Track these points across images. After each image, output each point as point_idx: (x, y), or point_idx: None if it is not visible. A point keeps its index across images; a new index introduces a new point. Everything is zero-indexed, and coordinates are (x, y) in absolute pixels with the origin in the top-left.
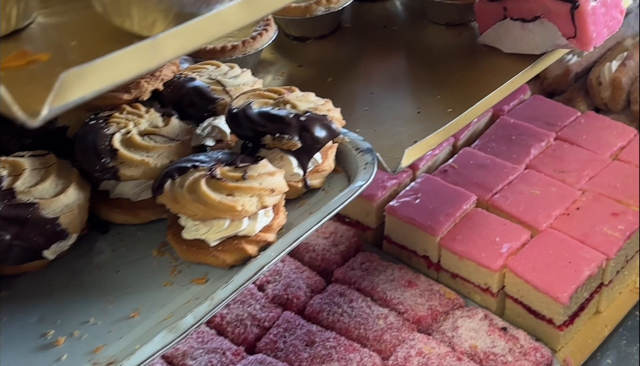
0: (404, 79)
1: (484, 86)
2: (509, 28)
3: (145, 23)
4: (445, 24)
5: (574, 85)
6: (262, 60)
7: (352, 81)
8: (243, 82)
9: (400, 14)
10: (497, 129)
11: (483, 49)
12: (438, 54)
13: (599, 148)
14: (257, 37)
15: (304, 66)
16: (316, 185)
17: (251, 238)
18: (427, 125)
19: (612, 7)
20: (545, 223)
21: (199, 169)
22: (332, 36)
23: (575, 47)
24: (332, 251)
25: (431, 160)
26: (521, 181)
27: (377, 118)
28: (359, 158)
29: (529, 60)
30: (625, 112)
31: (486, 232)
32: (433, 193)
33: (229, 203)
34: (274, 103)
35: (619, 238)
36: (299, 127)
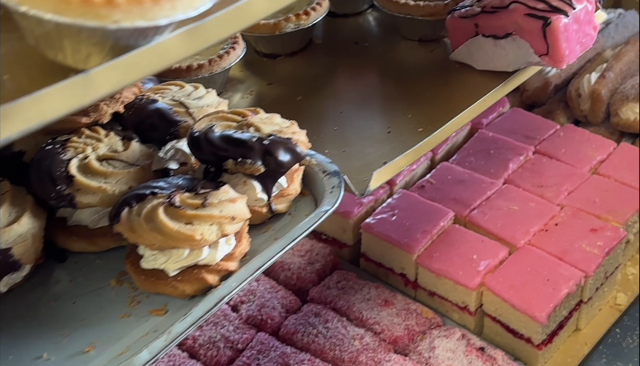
0: (375, 97)
1: (456, 104)
2: (481, 45)
3: (79, 56)
4: (418, 39)
5: (554, 97)
6: (231, 78)
7: (322, 99)
8: (207, 104)
9: (372, 30)
10: (475, 143)
11: (455, 66)
12: (410, 71)
13: (578, 162)
14: (224, 55)
15: (273, 84)
16: (281, 209)
17: (212, 268)
18: (397, 145)
19: (585, 23)
20: (523, 239)
21: (158, 196)
22: (303, 53)
23: (548, 65)
24: (308, 269)
25: (409, 175)
26: (499, 196)
27: (346, 139)
28: (325, 182)
29: (501, 77)
30: (605, 124)
31: (464, 249)
32: (410, 210)
33: (187, 232)
34: (237, 126)
35: (598, 255)
36: (262, 151)
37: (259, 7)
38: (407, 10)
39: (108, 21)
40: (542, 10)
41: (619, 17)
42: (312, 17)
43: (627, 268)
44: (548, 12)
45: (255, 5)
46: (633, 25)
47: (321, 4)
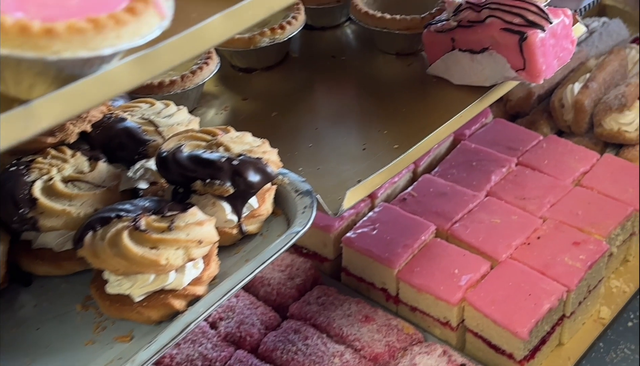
0: (351, 112)
1: (432, 120)
2: (457, 59)
3: (21, 87)
4: (395, 53)
5: (537, 107)
6: (206, 93)
7: (297, 115)
8: (177, 122)
9: (350, 43)
10: (457, 155)
11: (433, 80)
12: (387, 86)
13: (560, 173)
14: (197, 71)
15: (248, 99)
16: (252, 230)
17: (179, 292)
18: (372, 163)
19: (563, 37)
20: (505, 253)
21: (123, 219)
22: (279, 67)
23: (525, 80)
24: (288, 285)
25: (390, 187)
26: (481, 209)
27: (321, 156)
28: (298, 201)
29: (479, 92)
30: (589, 134)
31: (445, 263)
32: (391, 224)
33: (152, 257)
34: (207, 146)
35: (580, 269)
36: (231, 172)
37: (214, 32)
38: (383, 23)
39: (48, 52)
40: (518, 24)
41: (602, 25)
42: (288, 31)
43: (610, 281)
44: (524, 26)
45: (210, 30)
46: (617, 34)
47: (297, 18)
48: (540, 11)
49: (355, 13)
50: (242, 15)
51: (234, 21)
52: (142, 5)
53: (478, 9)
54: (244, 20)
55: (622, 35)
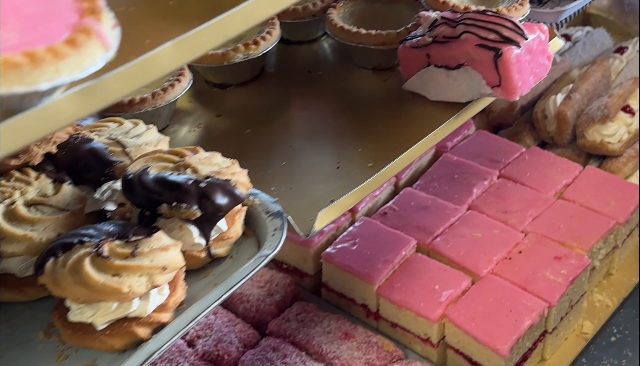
0: (326, 129)
1: (407, 137)
2: (433, 75)
3: None
4: (372, 68)
5: (520, 118)
6: (180, 110)
7: (271, 132)
8: (146, 142)
9: (327, 57)
10: (439, 168)
11: (409, 96)
12: (363, 101)
13: (543, 186)
14: (168, 88)
15: (222, 116)
16: (222, 253)
17: (143, 320)
18: (345, 182)
19: (539, 53)
20: (486, 268)
21: (85, 245)
22: (254, 82)
23: (501, 96)
24: (267, 301)
25: (371, 201)
26: (463, 223)
27: (294, 174)
28: (268, 223)
29: (455, 109)
30: (572, 145)
31: (425, 279)
32: (372, 238)
33: (114, 285)
34: (174, 168)
35: (562, 284)
36: (198, 195)
37: (166, 61)
38: (359, 39)
39: None
40: (493, 40)
41: (586, 35)
42: (262, 46)
43: (593, 295)
44: (499, 42)
45: (161, 58)
46: (601, 44)
47: (272, 33)
48: (515, 27)
49: (330, 28)
50: (196, 42)
51: (187, 48)
52: (83, 37)
53: (453, 25)
54: (198, 47)
55: (606, 45)
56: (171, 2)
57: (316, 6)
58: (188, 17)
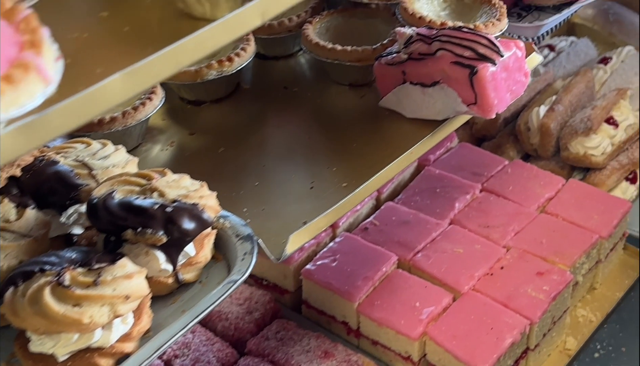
0: (301, 147)
1: (383, 156)
2: (409, 92)
3: None
4: (349, 84)
5: (504, 130)
6: (152, 128)
7: (245, 151)
8: (113, 163)
9: (303, 73)
10: (421, 181)
11: (385, 113)
12: (339, 118)
13: (525, 200)
14: (139, 106)
15: (196, 134)
16: (190, 279)
17: (106, 350)
18: (319, 203)
19: (515, 70)
20: (467, 285)
21: (47, 274)
22: (229, 99)
23: (477, 114)
24: (246, 319)
25: (352, 216)
26: (444, 238)
27: (267, 195)
28: (238, 246)
29: (431, 126)
30: (556, 157)
31: (406, 296)
32: (352, 255)
33: (74, 316)
34: (141, 191)
35: (544, 301)
36: (164, 220)
37: (114, 92)
38: (334, 55)
39: None
40: (469, 58)
41: (570, 45)
42: (236, 63)
43: (577, 310)
44: (475, 60)
45: (108, 90)
46: (585, 54)
47: (246, 49)
48: (491, 44)
49: (306, 44)
50: (147, 72)
51: (138, 79)
52: (20, 73)
53: (429, 41)
54: (149, 77)
55: (590, 55)
56: (126, 28)
57: (292, 21)
58: (143, 44)
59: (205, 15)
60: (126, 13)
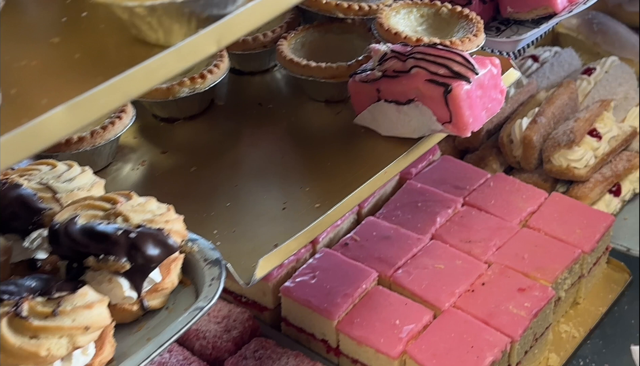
0: (274, 167)
1: (357, 176)
2: (384, 110)
3: None
4: (324, 100)
5: (487, 142)
6: (124, 146)
7: (217, 170)
8: (78, 186)
9: (279, 89)
10: (403, 195)
11: (361, 130)
12: (313, 136)
13: (507, 214)
14: (108, 126)
15: (168, 152)
16: (156, 305)
17: None
18: (290, 224)
19: (491, 88)
20: (448, 302)
21: (4, 304)
22: (203, 116)
23: (452, 132)
24: (224, 338)
25: (333, 231)
26: (425, 254)
27: (238, 216)
28: (206, 271)
29: (407, 144)
30: (539, 170)
31: (386, 313)
32: (331, 271)
33: (30, 348)
34: (104, 216)
35: (525, 318)
36: (128, 246)
37: (56, 127)
38: (309, 72)
39: None
40: (443, 75)
41: (554, 55)
42: (209, 80)
43: (559, 325)
44: (449, 78)
45: (50, 125)
46: (569, 64)
47: (219, 66)
48: (466, 61)
49: (280, 60)
50: (93, 104)
51: (83, 111)
52: None
53: (403, 59)
54: (95, 109)
55: (574, 65)
56: (78, 55)
57: (267, 37)
58: (93, 72)
59: (159, 42)
60: (79, 39)
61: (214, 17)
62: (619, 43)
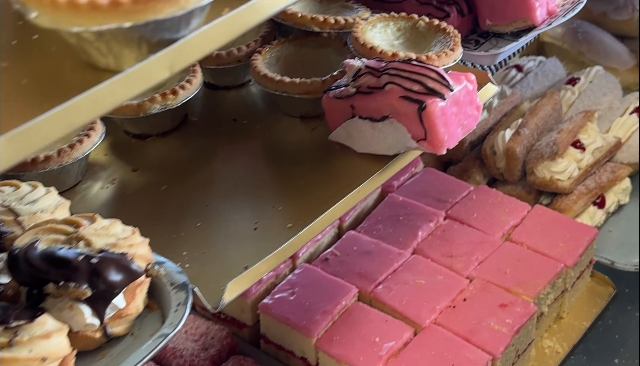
0: (246, 185)
1: (331, 194)
2: (358, 127)
3: None
4: (300, 116)
5: (470, 154)
6: (94, 163)
7: (188, 189)
8: (41, 208)
9: (254, 104)
10: (384, 209)
11: (336, 147)
12: (287, 153)
13: (490, 227)
14: (76, 144)
15: (139, 170)
16: (120, 332)
17: None
18: (262, 245)
19: (466, 104)
20: (428, 318)
21: None
22: (176, 132)
23: (427, 150)
24: (202, 356)
25: (313, 246)
26: (406, 269)
27: (208, 237)
28: (173, 296)
29: (382, 161)
30: (522, 182)
31: (366, 330)
32: (311, 287)
33: None
34: (66, 240)
35: (506, 335)
36: (89, 272)
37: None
38: (283, 87)
39: None
40: (417, 92)
41: (539, 65)
42: (181, 96)
43: (543, 341)
44: (424, 94)
45: None
46: (553, 74)
47: (192, 82)
48: (440, 78)
49: (254, 75)
50: (34, 135)
51: (24, 143)
52: None
53: (378, 75)
54: (37, 140)
55: (559, 75)
56: (25, 80)
57: (241, 51)
58: (39, 100)
59: (109, 67)
60: (28, 63)
61: (166, 41)
62: (603, 52)
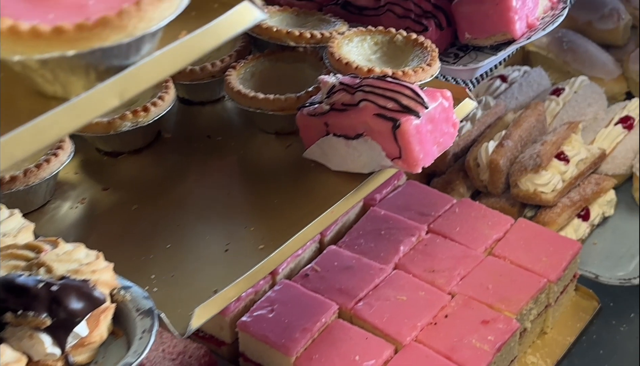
0: (218, 205)
1: (304, 214)
2: (333, 144)
3: None
4: (275, 132)
5: (454, 166)
6: (64, 182)
7: (159, 209)
8: (3, 232)
9: (229, 120)
10: (366, 223)
11: (311, 164)
12: (261, 171)
13: (472, 241)
14: (43, 164)
15: (110, 189)
16: (83, 361)
17: None
18: (232, 268)
19: (442, 122)
20: (409, 336)
21: None
22: (148, 149)
23: (402, 168)
24: None
25: (293, 261)
26: (388, 284)
27: (178, 259)
28: (138, 322)
29: (357, 180)
30: (506, 194)
31: (345, 348)
32: (290, 304)
33: None
34: (27, 267)
35: (488, 352)
36: (49, 300)
37: None
38: (257, 104)
39: None
40: (391, 110)
41: (523, 75)
42: (153, 113)
43: (526, 357)
44: (398, 112)
45: None
46: (538, 84)
47: (164, 98)
48: (415, 95)
49: (228, 91)
50: None
51: None
52: None
53: (352, 91)
54: None
55: (544, 85)
56: None
57: (215, 66)
58: None
59: (57, 95)
60: None
61: (116, 68)
62: (589, 61)
